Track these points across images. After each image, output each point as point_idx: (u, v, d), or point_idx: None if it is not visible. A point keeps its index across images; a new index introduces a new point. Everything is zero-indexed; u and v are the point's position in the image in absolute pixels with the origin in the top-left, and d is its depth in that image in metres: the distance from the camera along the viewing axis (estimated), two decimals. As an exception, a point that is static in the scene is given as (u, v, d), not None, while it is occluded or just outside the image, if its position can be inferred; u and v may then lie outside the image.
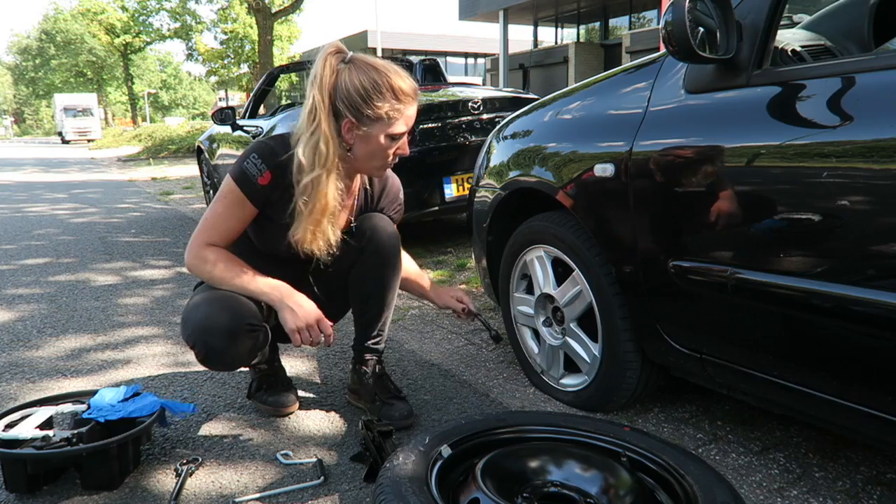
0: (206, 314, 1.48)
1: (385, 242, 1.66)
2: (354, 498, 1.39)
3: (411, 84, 1.47)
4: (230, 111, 4.80)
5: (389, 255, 1.68)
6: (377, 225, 1.67)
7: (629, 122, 1.49)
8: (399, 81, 1.45)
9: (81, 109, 34.63)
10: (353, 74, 1.43)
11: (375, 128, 1.46)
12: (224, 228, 1.54)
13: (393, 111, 1.45)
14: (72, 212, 6.23)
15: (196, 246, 1.55)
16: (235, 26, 28.02)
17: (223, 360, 1.53)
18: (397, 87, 1.44)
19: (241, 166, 1.50)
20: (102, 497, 1.41)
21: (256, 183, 1.49)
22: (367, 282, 1.69)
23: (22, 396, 1.94)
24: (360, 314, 1.77)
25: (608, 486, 1.22)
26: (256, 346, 1.56)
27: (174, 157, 14.72)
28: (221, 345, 1.47)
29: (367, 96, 1.42)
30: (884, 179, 1.02)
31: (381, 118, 1.44)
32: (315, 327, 1.50)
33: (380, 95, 1.43)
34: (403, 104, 1.46)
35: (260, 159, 1.49)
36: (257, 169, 1.49)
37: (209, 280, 1.55)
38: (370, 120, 1.45)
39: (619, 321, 1.59)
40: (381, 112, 1.44)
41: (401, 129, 1.48)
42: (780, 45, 1.37)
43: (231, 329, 1.47)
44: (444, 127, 3.53)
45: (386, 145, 1.49)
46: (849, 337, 1.14)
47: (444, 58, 30.99)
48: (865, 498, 1.35)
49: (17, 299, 3.06)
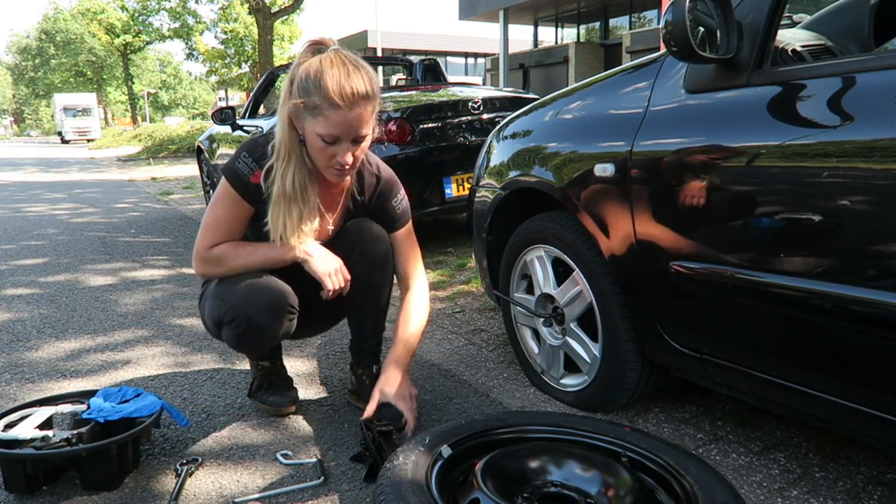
0: (249, 290, 1.52)
1: (371, 248, 1.64)
2: (354, 498, 1.39)
3: (355, 91, 1.37)
4: (230, 111, 4.80)
5: (377, 262, 1.65)
6: (362, 230, 1.65)
7: (629, 122, 1.49)
8: (340, 84, 1.37)
9: (81, 109, 34.66)
10: (311, 64, 1.40)
11: (308, 123, 1.43)
12: (225, 230, 1.55)
13: (318, 109, 1.39)
14: (71, 212, 6.23)
15: (201, 251, 1.56)
16: (236, 26, 28.00)
17: (262, 336, 1.55)
18: (333, 87, 1.36)
19: (233, 166, 1.53)
20: (102, 497, 1.41)
21: (249, 181, 1.51)
22: (356, 288, 1.67)
23: (22, 397, 1.94)
24: (353, 320, 1.78)
25: (608, 487, 1.22)
26: (288, 332, 1.60)
27: (174, 157, 14.71)
28: (266, 320, 1.52)
29: (304, 88, 1.40)
30: (884, 179, 1.02)
31: (310, 112, 1.41)
32: (340, 272, 1.57)
33: (315, 90, 1.38)
34: (331, 107, 1.38)
35: (250, 157, 1.52)
36: (248, 167, 1.51)
37: (228, 271, 1.56)
38: (303, 112, 1.42)
39: (619, 321, 1.59)
40: (310, 106, 1.40)
41: (327, 131, 1.40)
42: (781, 44, 1.37)
43: (275, 305, 1.52)
44: (444, 127, 3.53)
45: (319, 146, 1.43)
46: (849, 337, 1.13)
47: (444, 58, 30.98)
48: (866, 498, 1.35)
49: (17, 299, 3.06)
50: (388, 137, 3.36)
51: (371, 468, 1.44)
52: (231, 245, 1.56)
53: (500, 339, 2.38)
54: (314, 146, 1.45)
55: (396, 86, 5.32)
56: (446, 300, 2.92)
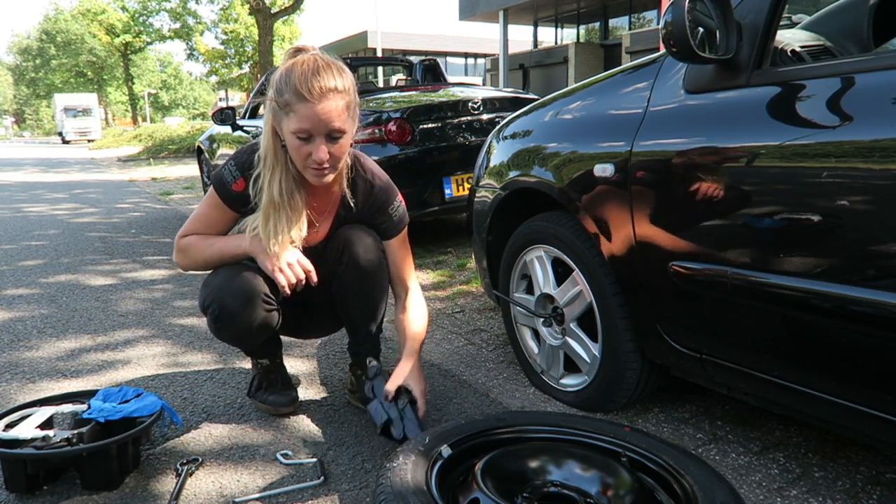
0: (226, 278, 1.57)
1: (361, 256, 1.62)
2: (354, 498, 1.39)
3: (323, 84, 1.38)
4: (230, 111, 4.81)
5: (367, 269, 1.64)
6: (351, 237, 1.63)
7: (629, 123, 1.49)
8: (307, 77, 1.38)
9: (82, 110, 34.65)
10: (285, 65, 1.43)
11: (284, 123, 1.44)
12: (204, 226, 1.63)
13: (289, 106, 1.40)
14: (72, 212, 6.23)
15: (177, 238, 1.64)
16: (236, 27, 28.01)
17: (235, 324, 1.57)
18: (299, 81, 1.38)
19: (220, 172, 1.60)
20: (102, 497, 1.41)
21: (231, 189, 1.58)
22: (348, 296, 1.68)
23: (22, 396, 1.94)
24: (347, 326, 1.79)
25: (608, 487, 1.22)
26: (267, 324, 1.61)
27: (174, 157, 14.72)
28: (237, 307, 1.55)
29: (277, 88, 1.42)
30: (884, 179, 1.02)
31: (284, 111, 1.41)
32: (297, 265, 1.54)
33: (285, 87, 1.40)
34: (300, 100, 1.38)
35: (235, 167, 1.58)
36: (232, 176, 1.58)
37: (192, 261, 1.63)
38: (279, 113, 1.44)
39: (619, 321, 1.59)
40: (282, 104, 1.41)
41: (298, 126, 1.40)
42: (780, 45, 1.37)
43: (248, 293, 1.55)
44: (444, 127, 3.53)
45: (295, 145, 1.43)
46: (849, 337, 1.14)
47: (444, 58, 30.98)
48: (865, 498, 1.35)
49: (17, 299, 3.06)
50: (388, 137, 3.36)
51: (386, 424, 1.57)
52: (197, 237, 1.62)
53: (500, 339, 2.38)
54: (291, 146, 1.46)
55: (396, 86, 5.32)
56: (446, 300, 2.92)
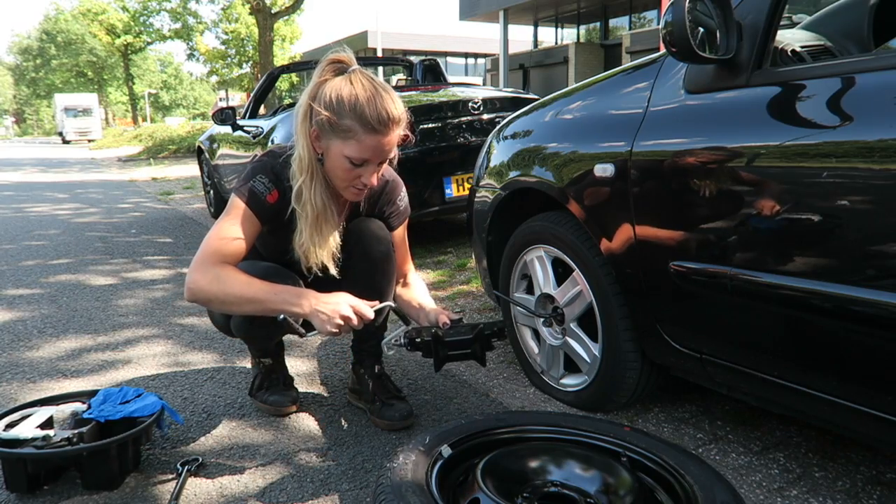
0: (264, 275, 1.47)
1: (373, 248, 1.63)
2: (354, 498, 1.39)
3: (392, 116, 1.39)
4: (230, 111, 4.80)
5: (378, 261, 1.64)
6: (364, 230, 1.64)
7: (629, 123, 1.49)
8: (377, 109, 1.37)
9: (82, 110, 34.63)
10: (340, 86, 1.39)
11: (334, 144, 1.42)
12: (234, 248, 1.47)
13: (351, 133, 1.39)
14: (72, 212, 6.23)
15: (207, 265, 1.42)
16: (237, 27, 28.00)
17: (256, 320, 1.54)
18: (370, 113, 1.37)
19: (249, 187, 1.49)
20: (102, 497, 1.41)
21: (265, 201, 1.50)
22: (358, 288, 1.65)
23: (22, 396, 1.94)
24: None
25: (608, 486, 1.22)
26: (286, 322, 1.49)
27: (174, 157, 14.71)
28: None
29: (333, 108, 1.38)
30: (884, 179, 1.02)
31: (339, 135, 1.40)
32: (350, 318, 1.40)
33: (345, 112, 1.37)
34: (368, 132, 1.38)
35: (266, 178, 1.51)
36: (266, 188, 1.50)
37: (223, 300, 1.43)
38: (329, 132, 1.41)
39: (619, 321, 1.60)
40: (340, 129, 1.39)
41: (358, 155, 1.40)
42: (780, 45, 1.37)
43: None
44: (444, 127, 3.53)
45: (345, 167, 1.43)
46: (849, 337, 1.14)
47: (444, 58, 30.99)
48: (865, 498, 1.35)
49: (18, 299, 3.06)
50: (389, 137, 3.35)
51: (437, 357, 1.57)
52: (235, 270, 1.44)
53: (501, 339, 2.38)
54: (338, 167, 1.44)
55: (397, 86, 5.32)
56: (446, 300, 2.92)
